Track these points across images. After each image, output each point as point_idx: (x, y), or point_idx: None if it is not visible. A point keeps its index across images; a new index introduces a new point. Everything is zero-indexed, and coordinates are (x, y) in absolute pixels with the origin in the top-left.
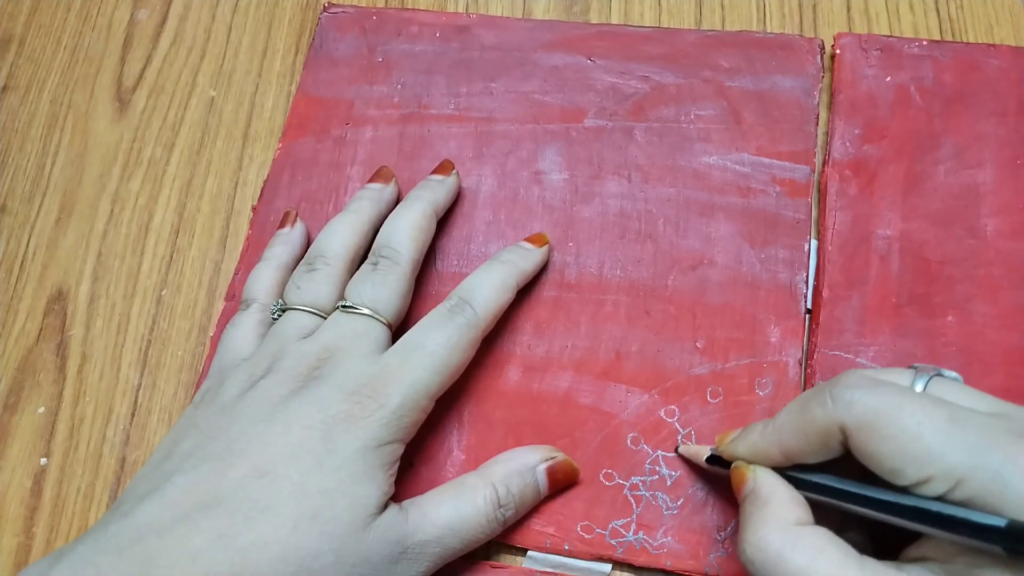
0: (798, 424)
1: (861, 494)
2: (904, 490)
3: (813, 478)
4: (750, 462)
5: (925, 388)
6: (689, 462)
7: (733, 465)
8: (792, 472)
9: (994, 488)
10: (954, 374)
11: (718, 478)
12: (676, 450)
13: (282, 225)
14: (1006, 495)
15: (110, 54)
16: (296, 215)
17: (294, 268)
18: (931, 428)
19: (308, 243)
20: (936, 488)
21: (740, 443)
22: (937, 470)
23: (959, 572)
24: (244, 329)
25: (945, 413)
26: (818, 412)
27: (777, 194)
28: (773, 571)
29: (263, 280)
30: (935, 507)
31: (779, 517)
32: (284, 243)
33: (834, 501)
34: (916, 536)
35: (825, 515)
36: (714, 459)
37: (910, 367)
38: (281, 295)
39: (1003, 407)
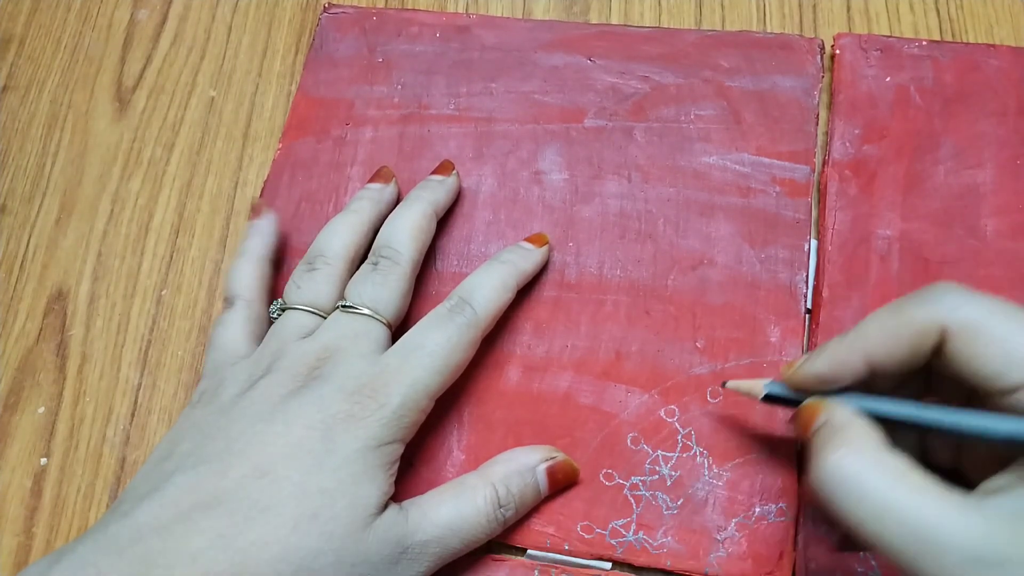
0: (890, 326)
1: (948, 411)
2: (995, 401)
3: (896, 401)
4: (825, 384)
5: None
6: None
7: (806, 401)
8: (872, 403)
9: None
10: None
11: (723, 473)
12: (723, 385)
13: (252, 217)
14: None
15: (110, 54)
16: (264, 207)
17: (272, 259)
18: None
19: (279, 233)
20: None
21: (817, 357)
22: None
23: None
24: (233, 328)
25: None
26: (917, 312)
27: (777, 194)
28: (851, 496)
29: (243, 276)
30: None
31: (858, 442)
32: (257, 234)
33: (922, 420)
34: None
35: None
36: (772, 398)
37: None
38: (264, 288)
39: None
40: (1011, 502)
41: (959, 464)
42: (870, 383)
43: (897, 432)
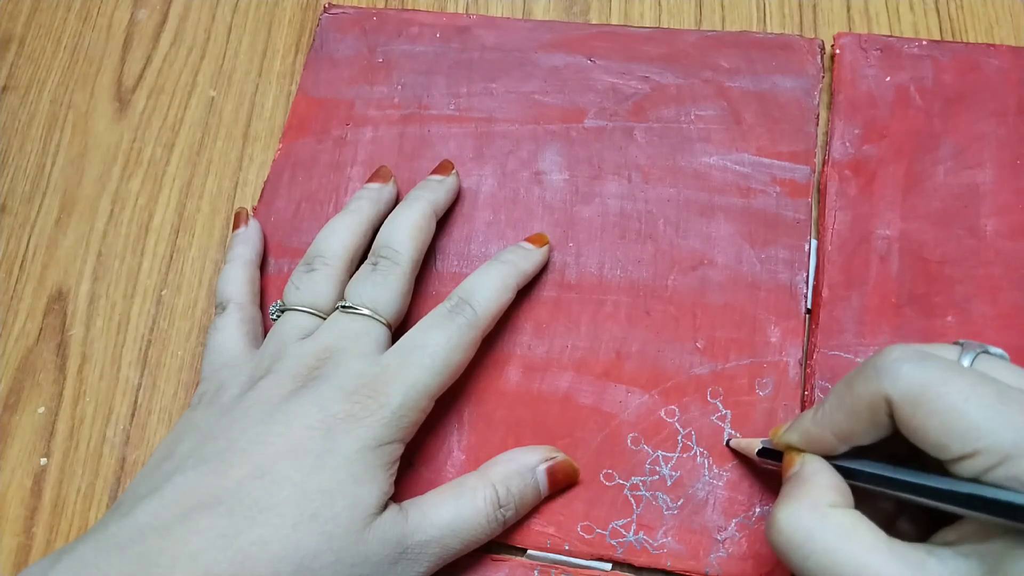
0: (846, 402)
1: (899, 479)
2: (947, 468)
3: (855, 465)
4: (803, 451)
5: (972, 364)
6: (738, 455)
7: (785, 451)
8: (842, 462)
9: None
10: (1000, 351)
11: (723, 473)
12: (727, 444)
13: (236, 226)
14: None
15: (110, 54)
16: (248, 215)
17: (259, 264)
18: (978, 404)
19: (264, 239)
20: (981, 464)
21: (793, 432)
22: (983, 446)
23: (994, 554)
24: (227, 331)
25: (992, 390)
26: (863, 387)
27: (777, 194)
28: (801, 549)
29: (233, 280)
30: (976, 490)
31: (815, 497)
32: (243, 242)
33: (876, 488)
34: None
35: (875, 507)
36: (766, 452)
37: (955, 343)
38: (254, 291)
39: None
40: (953, 559)
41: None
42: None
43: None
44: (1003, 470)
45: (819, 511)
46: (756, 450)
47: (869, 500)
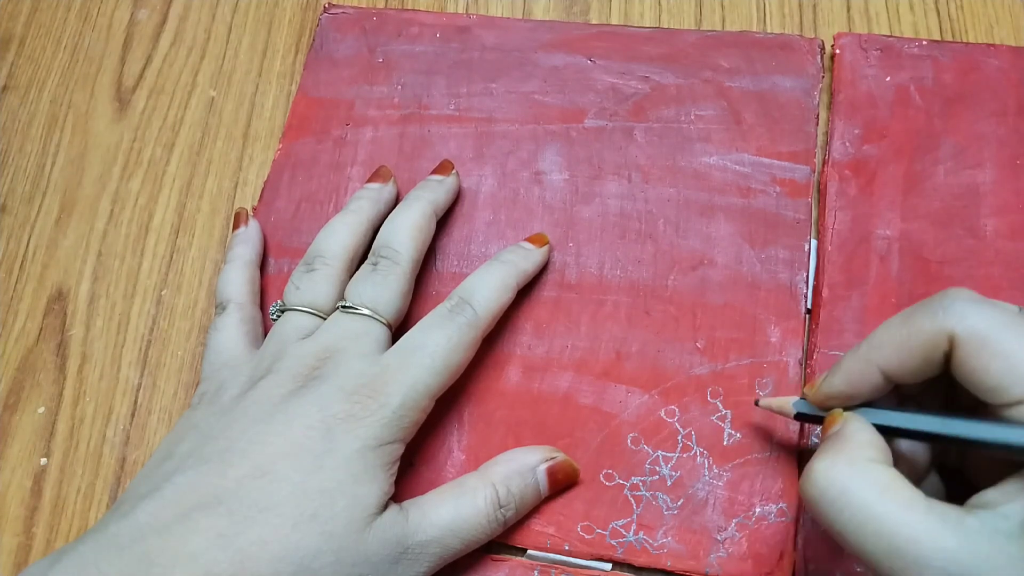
0: (901, 337)
1: (954, 420)
2: (998, 412)
3: (902, 413)
4: (847, 395)
5: None
6: (754, 426)
7: (829, 413)
8: (886, 418)
9: None
10: None
11: (723, 473)
12: (757, 403)
13: (236, 226)
14: None
15: (110, 54)
16: (248, 215)
17: (259, 264)
18: None
19: (264, 239)
20: None
21: (834, 375)
22: None
23: None
24: (227, 331)
25: None
26: (926, 321)
27: (777, 194)
28: (835, 504)
29: (233, 280)
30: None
31: (853, 452)
32: (243, 242)
33: (925, 430)
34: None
35: (909, 468)
36: (803, 407)
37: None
38: (254, 292)
39: None
40: (993, 519)
41: (968, 474)
42: (896, 392)
43: (918, 440)
44: None
45: (857, 465)
46: (791, 410)
47: (903, 461)
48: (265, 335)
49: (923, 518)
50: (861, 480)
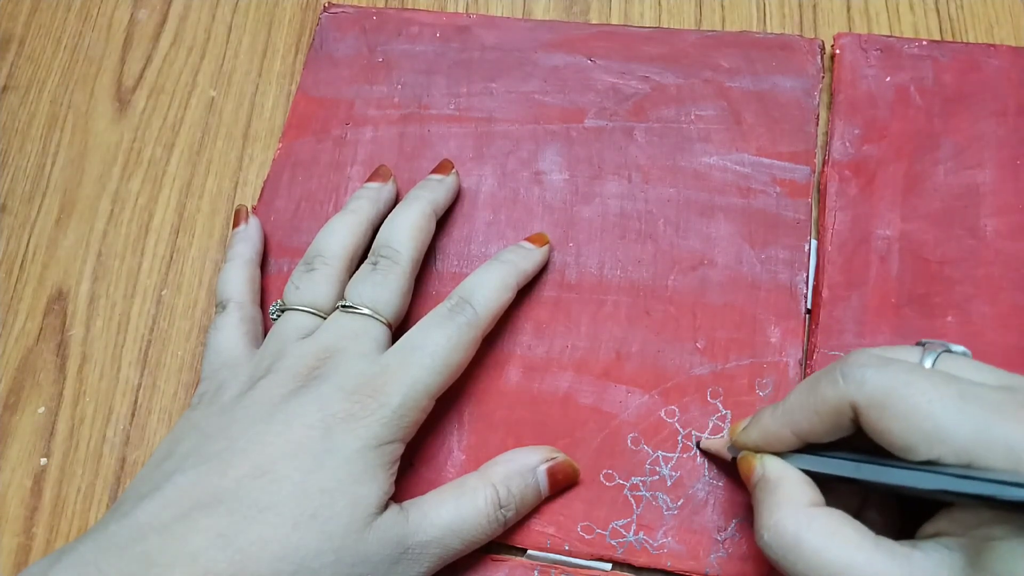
0: (809, 404)
1: (875, 467)
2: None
3: (827, 457)
4: (763, 449)
5: (934, 364)
6: (709, 457)
7: (740, 455)
8: (806, 454)
9: (1007, 463)
10: (962, 348)
11: (722, 474)
12: (698, 445)
13: (235, 224)
14: (1020, 468)
15: (110, 54)
16: (248, 212)
17: (259, 263)
18: (941, 406)
19: (264, 237)
20: (948, 464)
21: (752, 430)
22: (949, 448)
23: (974, 544)
24: (227, 331)
25: (954, 390)
26: (829, 391)
27: (777, 194)
28: (790, 554)
29: (233, 279)
30: (944, 483)
31: (792, 500)
32: (243, 240)
33: (851, 477)
34: (930, 514)
35: (840, 498)
36: (736, 458)
37: (918, 343)
38: (255, 291)
39: (1013, 380)
40: (937, 551)
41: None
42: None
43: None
44: (971, 469)
45: (801, 513)
46: (728, 455)
47: (834, 493)
48: (265, 335)
49: (872, 556)
50: (808, 527)
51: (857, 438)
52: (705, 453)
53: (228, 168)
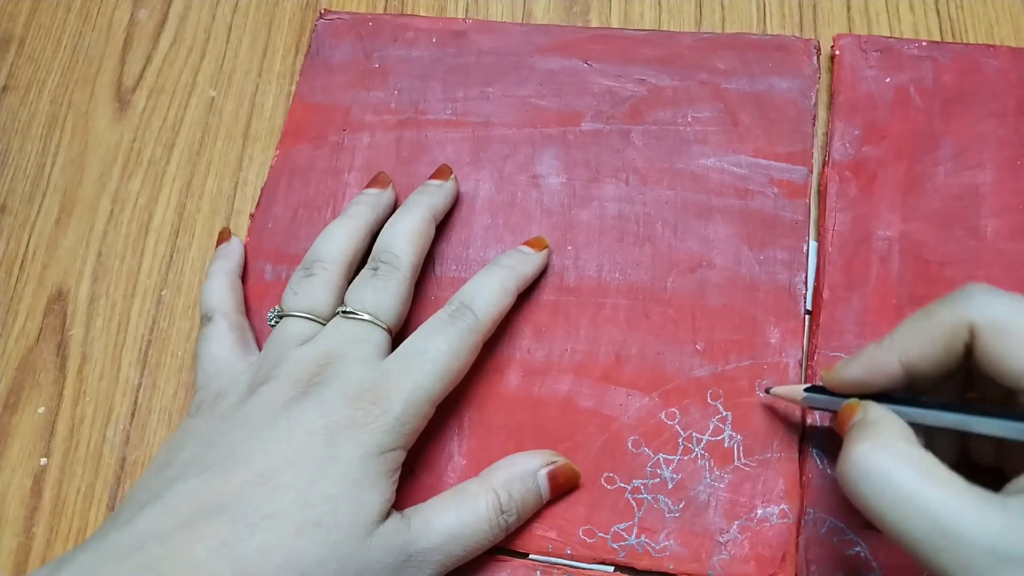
0: (922, 329)
1: (981, 417)
2: (1020, 399)
3: (923, 409)
4: (864, 384)
5: None
6: (771, 410)
7: (845, 402)
8: (908, 406)
9: None
10: None
11: (724, 475)
12: (767, 391)
13: (219, 243)
14: None
15: (110, 54)
16: (231, 232)
17: (240, 276)
18: None
19: (243, 254)
20: None
21: (854, 362)
22: None
23: None
24: (219, 340)
25: None
26: (946, 313)
27: (775, 195)
28: (875, 488)
29: (216, 290)
30: None
31: (887, 435)
32: (224, 256)
33: (956, 428)
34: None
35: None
36: (814, 395)
37: None
38: (239, 300)
39: None
40: None
41: (1000, 463)
42: (911, 386)
43: (937, 432)
44: None
45: (896, 448)
46: (800, 396)
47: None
48: (256, 342)
49: (965, 499)
50: (901, 463)
51: (949, 389)
52: (771, 410)
53: (228, 168)
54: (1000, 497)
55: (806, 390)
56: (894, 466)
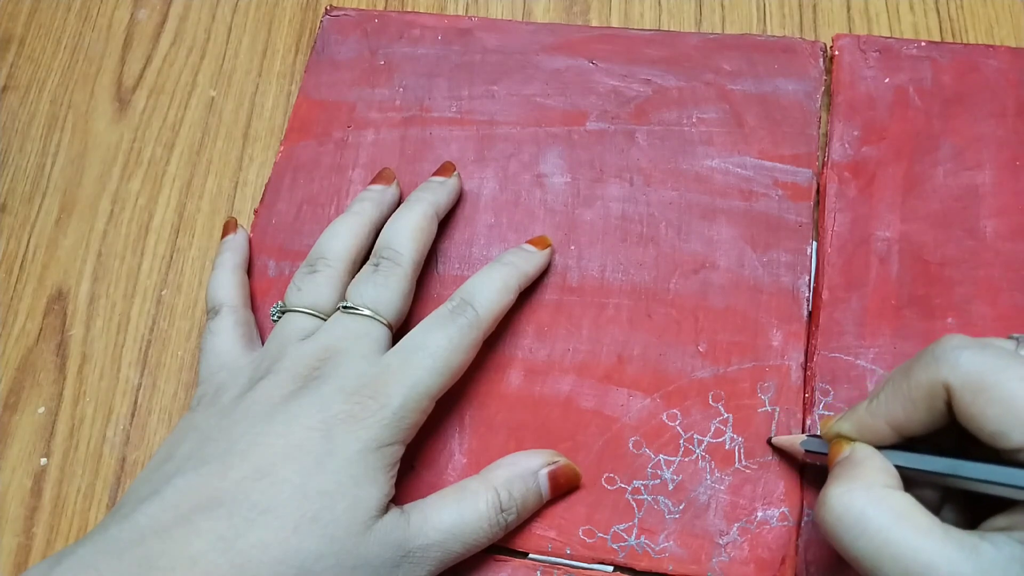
0: (903, 390)
1: (969, 464)
2: (1004, 456)
3: (906, 459)
4: (853, 440)
5: None
6: (780, 453)
7: (833, 441)
8: (892, 455)
9: None
10: None
11: (724, 477)
12: (769, 441)
13: (224, 234)
14: None
15: (110, 54)
16: (237, 223)
17: (247, 269)
18: None
19: (249, 246)
20: None
21: (845, 421)
22: None
23: None
24: (223, 334)
25: None
26: (922, 374)
27: (779, 197)
28: (852, 530)
29: (223, 284)
30: None
31: (867, 479)
32: (230, 248)
33: (945, 472)
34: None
35: (919, 497)
36: (812, 445)
37: (1010, 337)
38: (245, 295)
39: None
40: (1008, 544)
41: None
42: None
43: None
44: None
45: (873, 491)
46: (801, 445)
47: (913, 490)
48: (260, 338)
49: (940, 544)
50: (878, 506)
51: (946, 436)
52: (776, 450)
53: (228, 168)
54: (974, 541)
55: (805, 443)
56: (871, 509)
